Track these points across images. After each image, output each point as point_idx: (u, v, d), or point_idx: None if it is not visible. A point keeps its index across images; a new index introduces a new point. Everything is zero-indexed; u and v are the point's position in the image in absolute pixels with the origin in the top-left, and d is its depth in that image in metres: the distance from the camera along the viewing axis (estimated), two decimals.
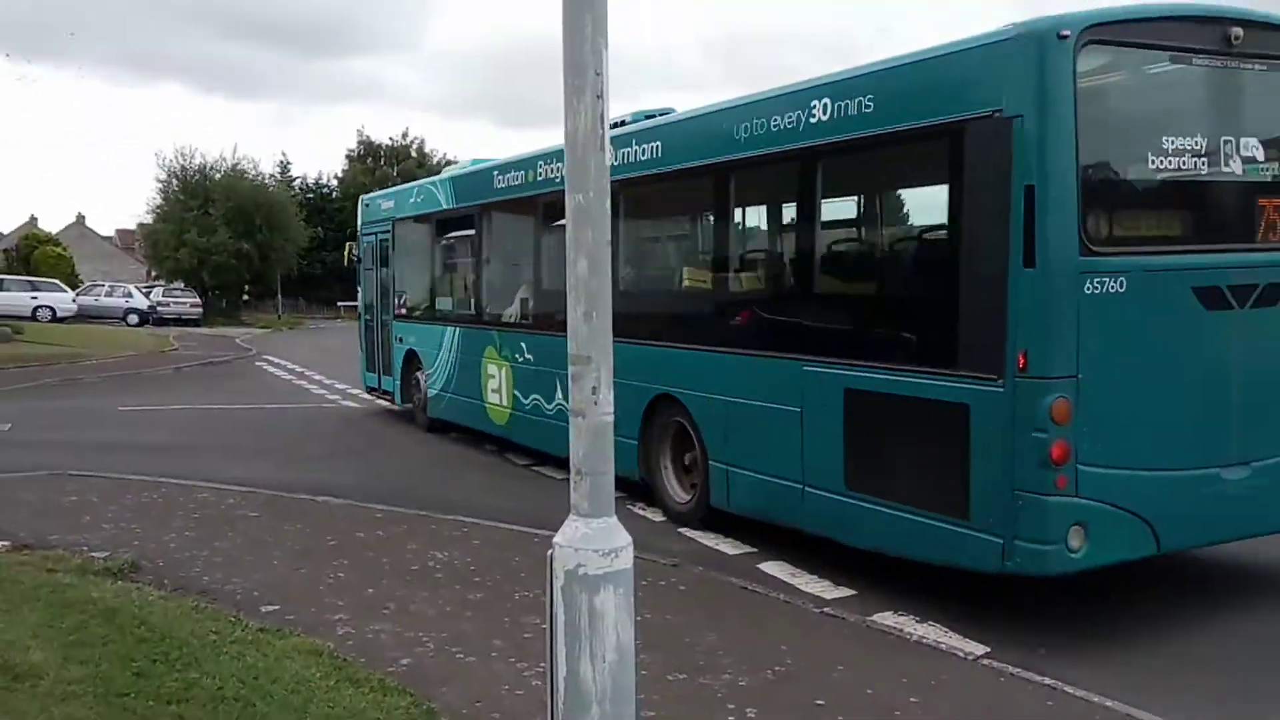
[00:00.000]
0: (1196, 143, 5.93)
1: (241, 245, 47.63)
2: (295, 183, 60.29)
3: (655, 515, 8.62)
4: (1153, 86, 6.19)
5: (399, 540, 7.57)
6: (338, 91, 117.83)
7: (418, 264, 14.10)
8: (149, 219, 52.35)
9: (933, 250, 6.50)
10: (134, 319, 43.76)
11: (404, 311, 14.36)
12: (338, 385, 19.31)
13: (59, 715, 4.20)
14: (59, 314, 39.77)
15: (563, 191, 5.87)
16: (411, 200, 14.11)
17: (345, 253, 17.76)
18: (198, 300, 47.01)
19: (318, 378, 20.86)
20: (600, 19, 2.52)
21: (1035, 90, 5.43)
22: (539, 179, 10.48)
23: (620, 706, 2.60)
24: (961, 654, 5.45)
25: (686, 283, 8.73)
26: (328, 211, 57.52)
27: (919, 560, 6.26)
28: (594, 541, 2.58)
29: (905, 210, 7.73)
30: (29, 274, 46.14)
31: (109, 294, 45.99)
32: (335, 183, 61.27)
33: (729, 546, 7.71)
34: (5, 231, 74.35)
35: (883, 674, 5.12)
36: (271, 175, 55.71)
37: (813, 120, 6.90)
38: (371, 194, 16.29)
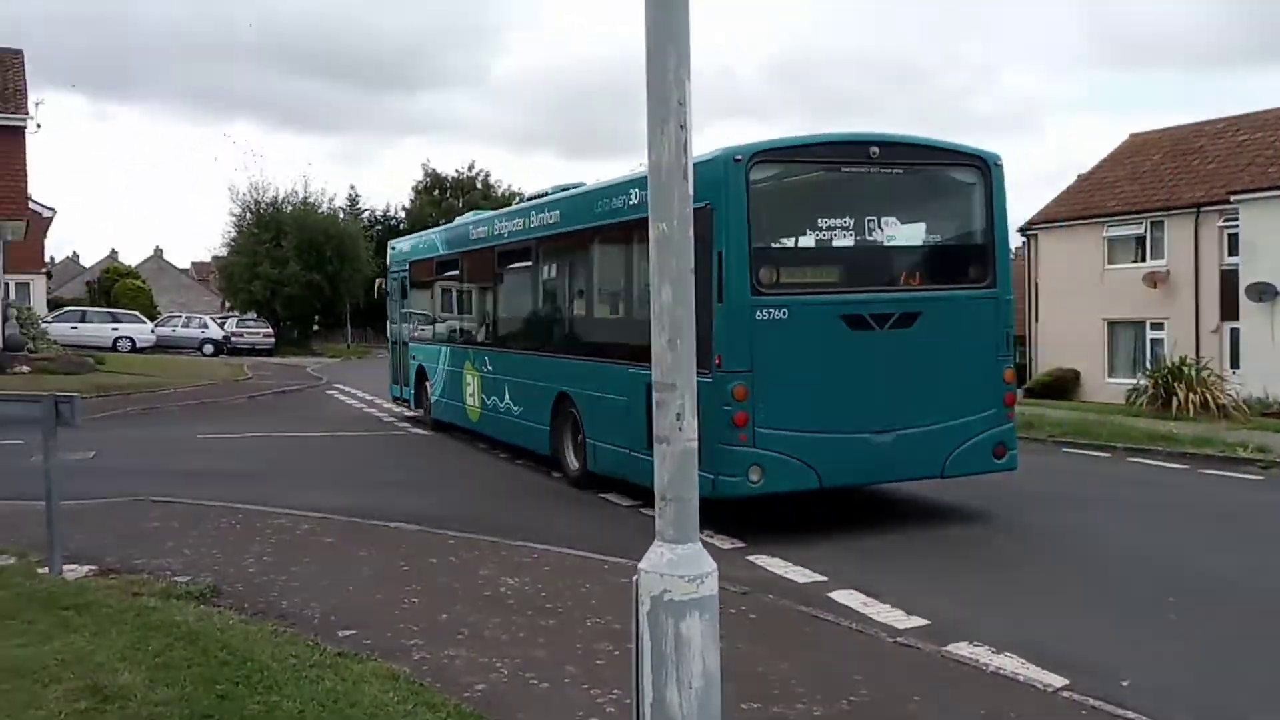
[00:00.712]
0: (846, 221, 9.19)
1: (312, 276, 48.59)
2: (364, 215, 61.34)
3: (723, 542, 8.57)
4: (812, 186, 9.46)
5: (471, 566, 7.62)
6: (405, 125, 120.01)
7: (424, 297, 17.50)
8: (223, 252, 53.68)
9: (700, 298, 8.68)
10: (209, 349, 44.76)
11: (415, 335, 17.79)
12: (406, 413, 19.53)
13: None
14: (138, 344, 40.78)
15: (512, 242, 10.90)
16: (420, 246, 17.82)
17: (375, 288, 21.69)
18: (270, 330, 47.98)
19: (387, 406, 21.11)
20: (683, 51, 2.54)
21: (721, 192, 8.57)
22: (495, 233, 13.97)
23: None
24: (1040, 686, 5.32)
25: (575, 312, 12.07)
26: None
27: (699, 498, 8.83)
28: (679, 567, 2.57)
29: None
30: (110, 306, 47.48)
31: (185, 325, 47.12)
32: (403, 214, 62.18)
33: (798, 575, 7.65)
34: (87, 265, 76.64)
35: (960, 706, 5.03)
36: (340, 208, 56.77)
37: (631, 203, 10.10)
38: (396, 239, 19.96)
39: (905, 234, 9.69)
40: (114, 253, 77.65)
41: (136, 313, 44.98)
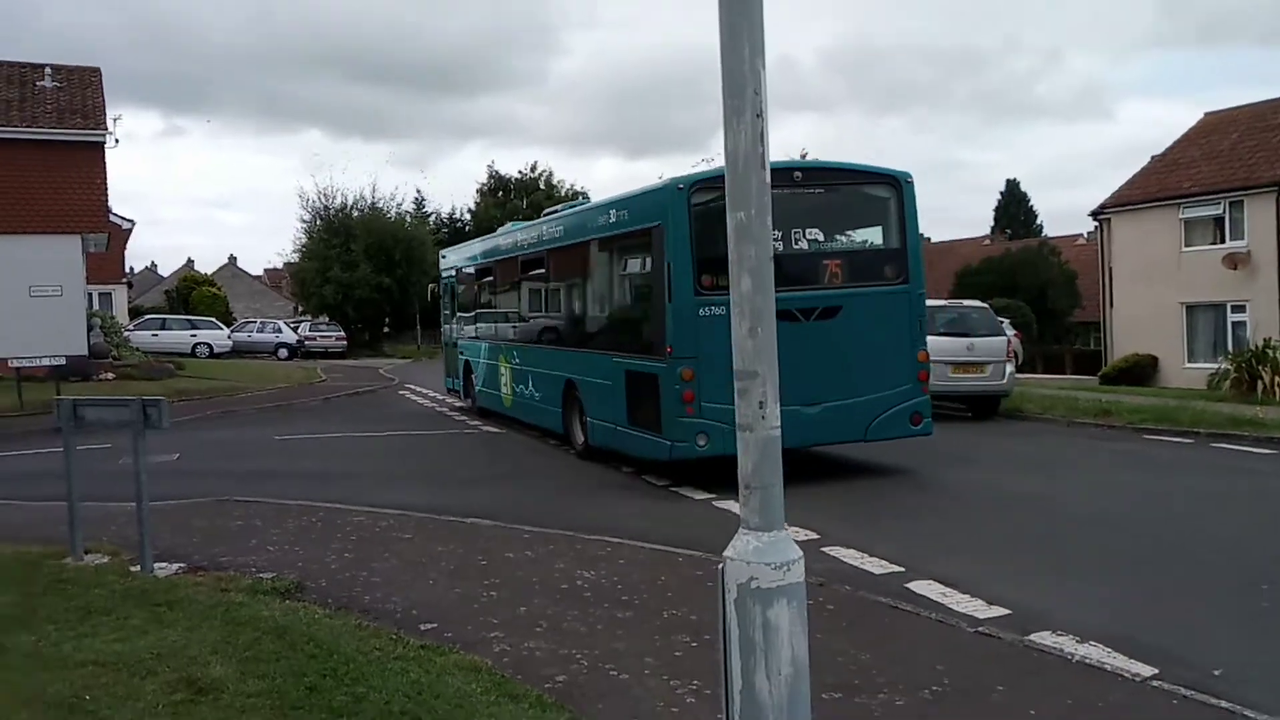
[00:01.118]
0: (775, 233, 9.00)
1: (381, 279, 49.31)
2: (430, 218, 62.05)
3: (798, 534, 8.53)
4: (795, 202, 11.03)
5: (547, 560, 7.68)
6: (468, 128, 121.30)
7: (467, 300, 19.81)
8: (295, 257, 54.70)
9: (646, 296, 11.55)
10: (284, 353, 45.62)
11: (461, 334, 20.16)
12: (467, 408, 19.72)
13: None
14: (215, 350, 41.73)
15: (529, 253, 14.84)
16: (463, 255, 20.53)
17: (429, 293, 24.21)
18: (342, 334, 48.78)
19: (458, 405, 21.34)
20: (758, 40, 2.53)
21: (669, 214, 10.64)
22: (517, 244, 16.39)
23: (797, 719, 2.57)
24: (1128, 675, 5.22)
25: (575, 311, 14.07)
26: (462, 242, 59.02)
27: (647, 459, 11.49)
28: (766, 555, 2.57)
29: (637, 272, 12.13)
30: (188, 313, 48.65)
31: (260, 330, 48.10)
32: (468, 216, 62.75)
33: (874, 566, 7.59)
34: (165, 274, 78.65)
35: (1045, 695, 4.95)
36: (407, 212, 57.48)
37: (610, 221, 12.39)
38: (446, 249, 22.90)
39: (827, 242, 11.49)
40: (190, 262, 79.66)
41: (213, 319, 46.02)
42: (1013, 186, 74.89)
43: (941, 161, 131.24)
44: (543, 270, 15.15)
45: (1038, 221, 72.67)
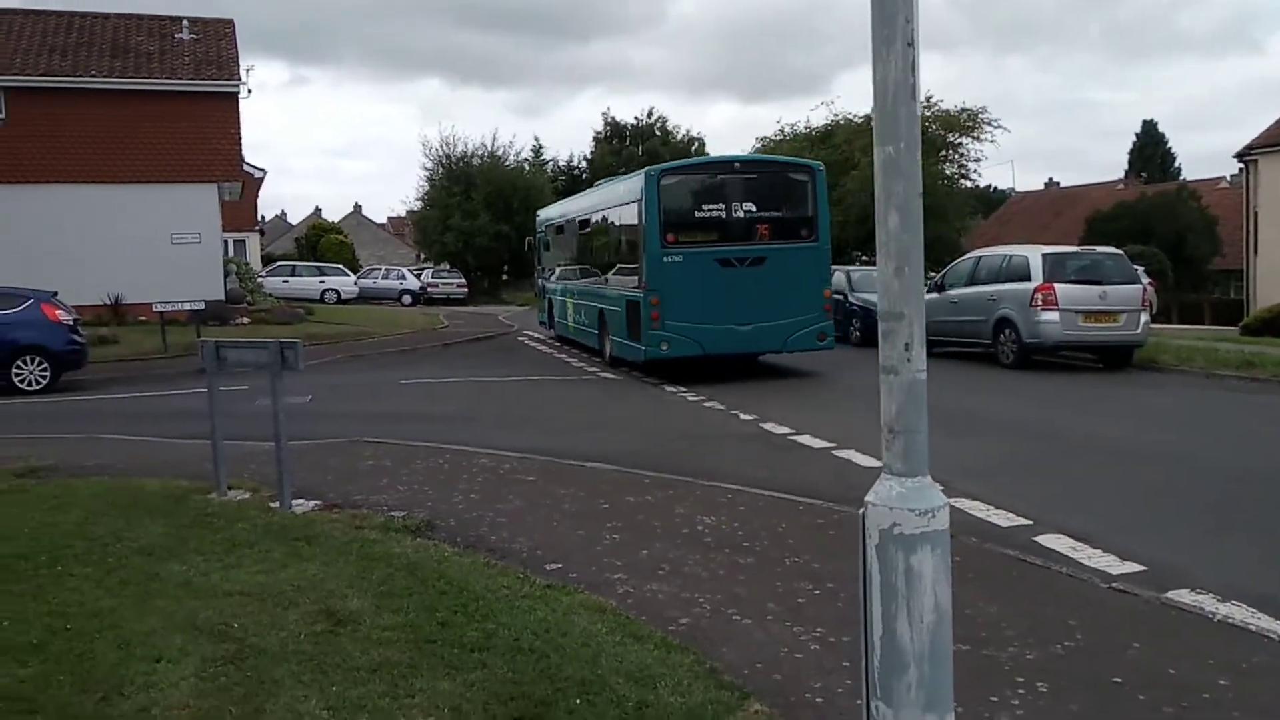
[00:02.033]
0: (720, 206, 15.97)
1: (500, 227, 49.91)
2: (548, 165, 62.40)
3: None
4: (698, 187, 16.22)
5: (667, 504, 7.73)
6: (584, 74, 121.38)
7: (547, 252, 25.45)
8: (418, 205, 55.75)
9: (635, 248, 16.22)
10: (407, 299, 46.76)
11: (546, 278, 25.47)
12: (595, 359, 19.91)
13: (378, 658, 4.54)
14: (343, 296, 43.01)
15: (579, 217, 21.66)
16: (546, 217, 26.17)
17: (525, 244, 32.10)
18: (464, 280, 49.66)
19: (576, 350, 21.58)
20: None
21: (644, 192, 15.61)
22: (574, 209, 22.52)
23: (938, 668, 2.53)
24: (1274, 636, 5.01)
25: (601, 260, 19.22)
26: (578, 190, 59.04)
27: (630, 361, 16.75)
28: (909, 501, 2.51)
29: (629, 234, 16.90)
30: (317, 260, 50.15)
31: (385, 277, 49.34)
32: (584, 164, 62.88)
33: (1000, 518, 7.42)
34: (294, 222, 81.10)
35: (1184, 654, 4.79)
36: (526, 160, 57.89)
37: (616, 196, 17.96)
38: (541, 209, 28.45)
39: (759, 211, 16.19)
40: (318, 210, 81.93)
41: (340, 266, 47.37)
42: (1149, 127, 71.53)
43: (1071, 102, 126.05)
44: (586, 230, 20.73)
45: (1176, 164, 69.39)
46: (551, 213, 25.74)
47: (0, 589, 5.53)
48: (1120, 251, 18.26)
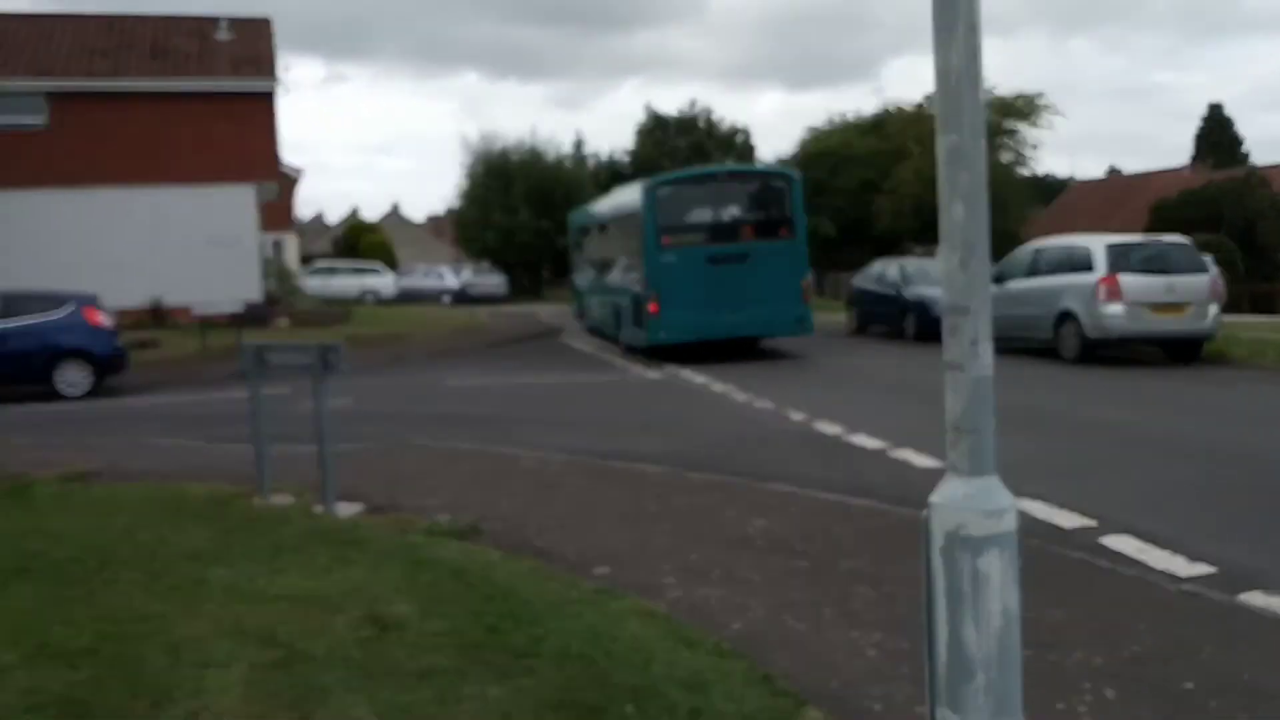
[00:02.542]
0: (709, 210, 19.46)
1: (541, 224, 50.11)
2: (589, 160, 62.47)
3: None
4: (691, 195, 19.61)
5: (717, 507, 7.73)
6: (625, 65, 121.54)
7: (581, 252, 28.12)
8: (457, 203, 56.11)
9: (640, 252, 19.11)
10: (447, 299, 47.12)
11: (578, 276, 28.67)
12: (636, 356, 19.94)
13: (425, 664, 4.60)
14: (383, 296, 43.44)
15: (599, 221, 25.55)
16: (578, 220, 29.00)
17: (563, 246, 36.41)
18: (504, 279, 49.93)
19: (616, 350, 21.63)
20: None
21: (644, 201, 18.90)
22: (596, 213, 25.68)
23: (1007, 674, 2.51)
24: None
25: (615, 262, 22.00)
26: (615, 189, 58.92)
27: (640, 346, 19.64)
28: (976, 502, 2.50)
29: (634, 237, 19.61)
30: (356, 260, 50.68)
31: (425, 276, 49.78)
32: (627, 158, 62.80)
33: (1065, 519, 7.34)
34: (332, 222, 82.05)
35: (1260, 659, 4.71)
36: (566, 155, 57.97)
37: (621, 204, 21.81)
38: (573, 211, 31.58)
39: (743, 215, 19.49)
40: (355, 210, 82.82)
41: (379, 266, 47.83)
42: (1216, 111, 70.22)
43: (1134, 86, 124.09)
44: (603, 233, 24.28)
45: (1244, 149, 68.05)
46: (579, 216, 29.24)
47: (51, 593, 5.67)
48: (1187, 240, 17.98)
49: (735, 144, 59.80)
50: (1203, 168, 57.31)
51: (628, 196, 20.92)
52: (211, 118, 28.28)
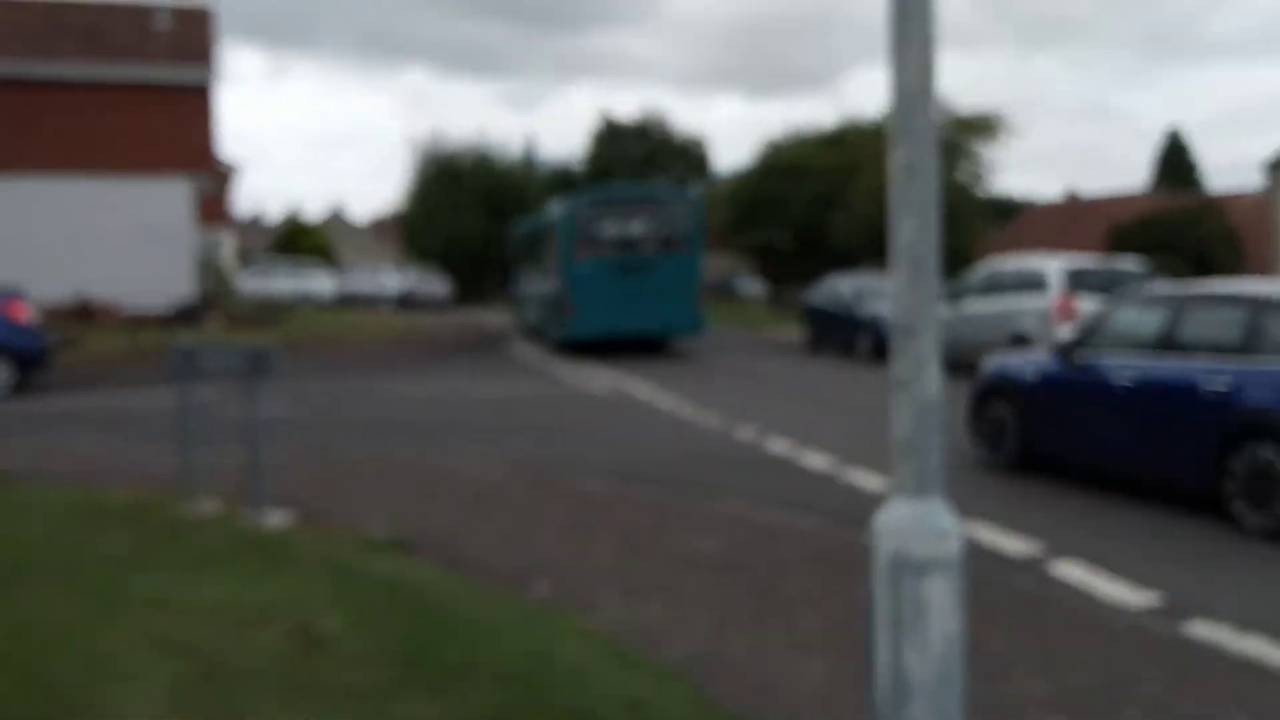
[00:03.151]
0: (620, 226, 22.79)
1: (489, 230, 49.89)
2: (541, 166, 62.32)
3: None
4: (605, 212, 23.02)
5: (662, 524, 7.75)
6: (577, 65, 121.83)
7: (518, 261, 30.76)
8: (403, 205, 55.71)
9: (556, 260, 23.19)
10: (389, 303, 46.75)
11: (515, 284, 31.14)
12: (584, 368, 19.93)
13: (356, 680, 4.56)
14: (322, 298, 43.00)
15: (527, 233, 29.95)
16: (515, 229, 32.15)
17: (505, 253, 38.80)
18: (448, 284, 49.66)
19: (563, 359, 21.60)
20: None
21: (564, 216, 23.05)
22: (524, 229, 29.72)
23: (946, 700, 2.55)
24: None
25: (541, 269, 25.51)
26: (573, 191, 58.52)
27: (557, 340, 23.29)
28: (921, 524, 2.54)
29: (551, 249, 23.84)
30: (295, 261, 50.16)
31: (366, 280, 49.35)
32: (579, 165, 62.68)
33: (1011, 544, 7.44)
34: (270, 222, 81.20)
35: (1204, 689, 4.82)
36: (517, 162, 57.76)
37: (546, 219, 25.67)
38: (515, 222, 34.71)
39: (647, 230, 22.83)
40: (295, 209, 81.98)
41: (320, 267, 47.38)
42: (1174, 136, 71.88)
43: (1096, 105, 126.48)
44: (532, 245, 27.49)
45: (1200, 174, 69.67)
46: (518, 228, 32.53)
47: None
48: (1141, 264, 18.35)
49: (690, 153, 60.06)
50: (1160, 192, 58.53)
51: (554, 211, 24.59)
52: (147, 107, 27.88)
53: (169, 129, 28.01)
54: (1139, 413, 8.78)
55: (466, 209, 49.80)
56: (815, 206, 42.92)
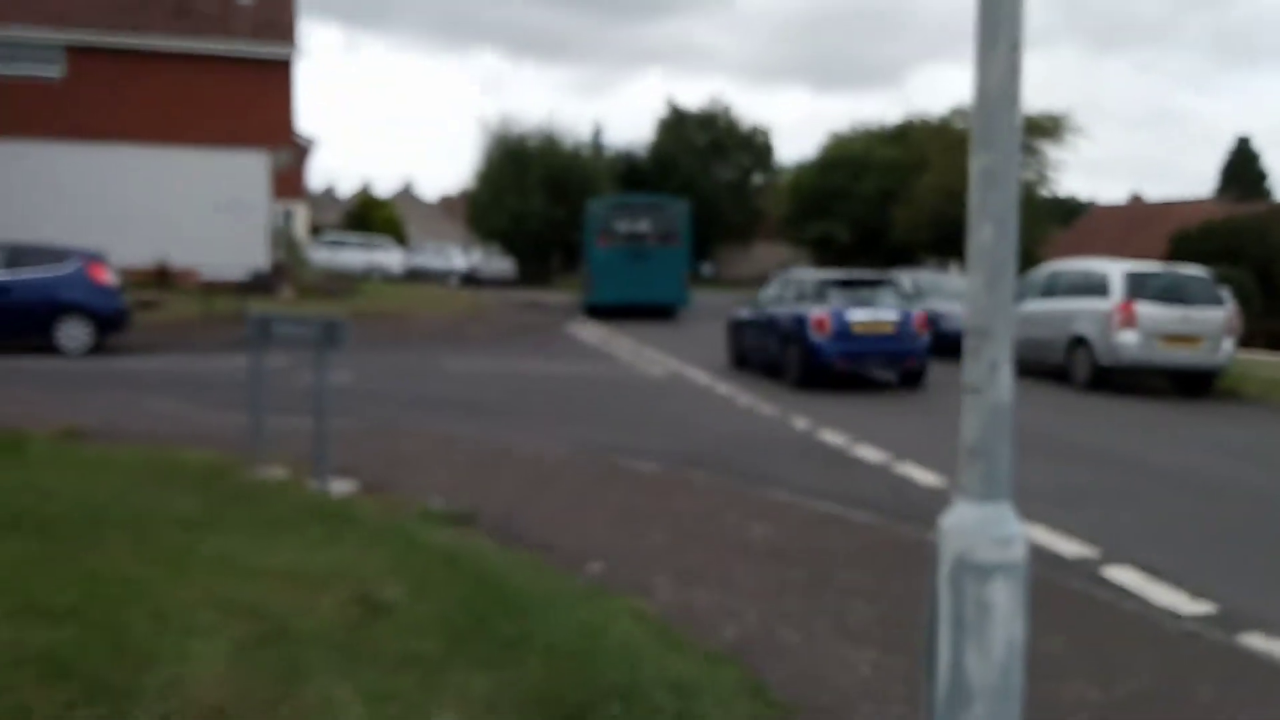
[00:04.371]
0: (632, 221, 29.98)
1: (555, 211, 50.05)
2: (607, 152, 62.24)
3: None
4: (621, 212, 30.54)
5: (716, 510, 7.71)
6: (647, 54, 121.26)
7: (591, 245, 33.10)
8: (469, 185, 56.05)
9: (583, 247, 32.16)
10: (455, 280, 47.06)
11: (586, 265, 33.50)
12: (645, 351, 19.91)
13: (411, 649, 4.57)
14: (390, 273, 43.38)
15: (587, 220, 33.42)
16: (589, 212, 32.29)
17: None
18: (513, 264, 49.87)
19: (624, 341, 21.60)
20: None
21: (590, 215, 30.93)
22: (590, 214, 31.27)
23: (1006, 705, 2.49)
24: None
25: (584, 253, 32.98)
26: (638, 178, 58.37)
27: (585, 305, 30.53)
28: (986, 527, 2.47)
29: (589, 234, 30.76)
30: (365, 235, 50.65)
31: (434, 256, 49.69)
32: (644, 152, 62.47)
33: (1068, 547, 7.30)
34: (343, 196, 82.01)
35: (1258, 701, 4.70)
36: (584, 145, 57.77)
37: (587, 213, 32.06)
38: (591, 202, 35.03)
39: (650, 228, 29.39)
40: (367, 184, 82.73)
41: (389, 241, 47.80)
42: (1243, 143, 70.10)
43: (1163, 110, 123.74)
44: (581, 232, 32.77)
45: (1269, 183, 67.94)
46: (590, 211, 36.58)
47: (39, 550, 5.64)
48: (1206, 272, 17.92)
49: (754, 143, 59.69)
50: (1226, 199, 57.12)
51: (587, 208, 32.04)
52: (231, 81, 28.26)
53: (251, 103, 28.37)
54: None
55: (532, 191, 50.00)
56: (876, 201, 42.47)
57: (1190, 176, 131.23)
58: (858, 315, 15.26)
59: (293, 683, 4.15)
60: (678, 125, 62.64)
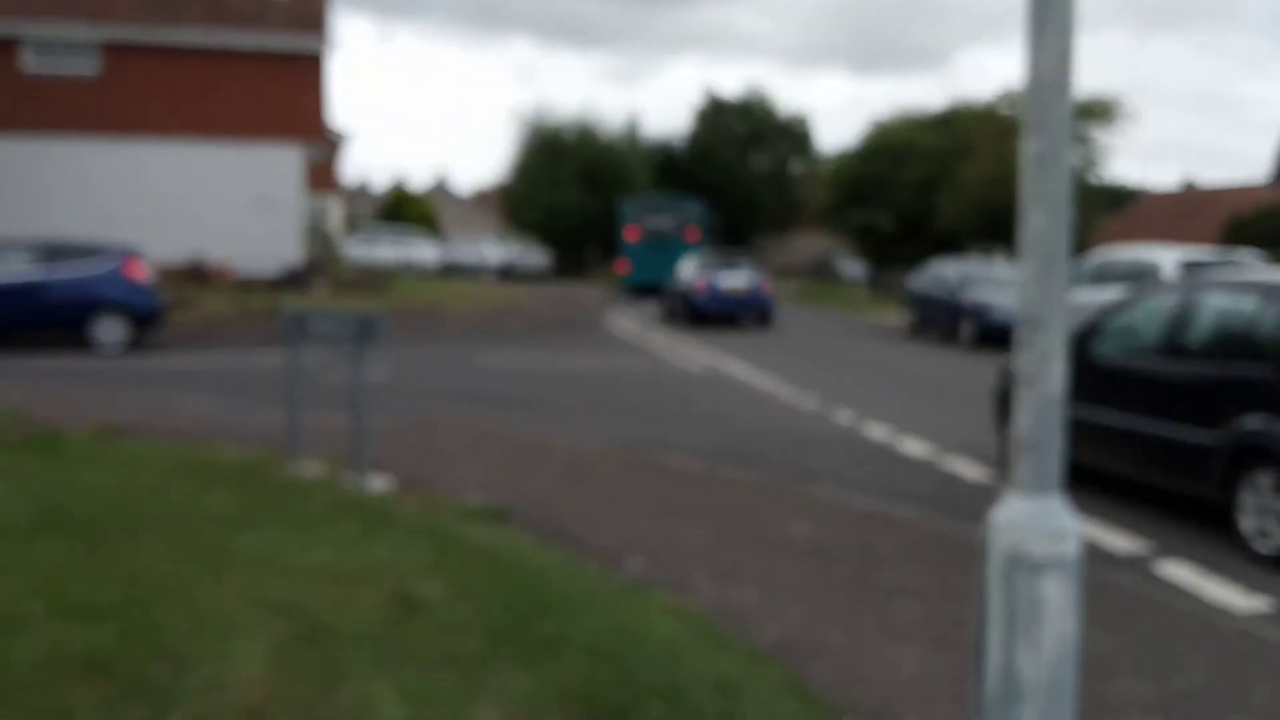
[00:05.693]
0: (658, 218, 39.98)
1: (590, 204, 50.10)
2: (643, 143, 62.06)
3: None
4: (651, 209, 40.51)
5: (756, 506, 7.70)
6: (683, 39, 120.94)
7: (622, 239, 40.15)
8: (504, 177, 56.22)
9: (617, 238, 40.95)
10: (490, 274, 47.26)
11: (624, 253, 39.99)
12: (682, 345, 19.90)
13: (450, 647, 4.60)
14: (425, 267, 43.65)
15: (620, 214, 42.54)
16: (621, 208, 40.67)
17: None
18: (549, 257, 50.01)
19: (659, 336, 21.60)
20: None
21: (624, 210, 40.51)
22: (621, 211, 40.99)
23: (1058, 704, 2.47)
24: None
25: (626, 240, 40.75)
26: (675, 169, 58.18)
27: (623, 286, 39.22)
28: (1039, 522, 2.45)
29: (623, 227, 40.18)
30: (399, 230, 50.99)
31: (468, 250, 49.93)
32: (681, 142, 62.22)
33: (1119, 541, 7.22)
34: (376, 190, 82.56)
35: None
36: (620, 137, 57.63)
37: (620, 210, 42.22)
38: (623, 201, 42.31)
39: (673, 223, 39.13)
40: (400, 178, 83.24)
41: (424, 236, 48.07)
42: None
43: (1218, 93, 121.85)
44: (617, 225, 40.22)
45: None
46: (621, 208, 42.21)
47: (77, 549, 5.74)
48: (1261, 259, 17.63)
49: (792, 131, 59.40)
50: None
51: (620, 206, 40.52)
52: (263, 75, 28.52)
53: (284, 97, 28.62)
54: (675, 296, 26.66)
55: (568, 183, 50.09)
56: (920, 189, 42.10)
57: (1244, 162, 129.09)
58: (725, 280, 25.44)
59: (331, 682, 4.19)
60: (715, 116, 62.39)
